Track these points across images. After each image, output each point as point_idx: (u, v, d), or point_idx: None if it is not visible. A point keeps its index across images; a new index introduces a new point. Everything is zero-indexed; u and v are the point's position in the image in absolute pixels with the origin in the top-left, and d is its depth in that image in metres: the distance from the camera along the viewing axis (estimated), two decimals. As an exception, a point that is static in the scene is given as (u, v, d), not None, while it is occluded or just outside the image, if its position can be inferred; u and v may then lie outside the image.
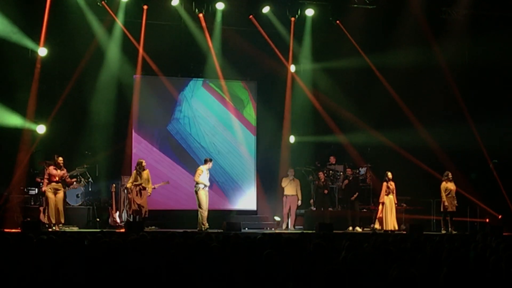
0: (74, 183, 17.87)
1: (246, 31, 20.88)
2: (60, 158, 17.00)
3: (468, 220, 20.10)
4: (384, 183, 18.86)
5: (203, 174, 17.81)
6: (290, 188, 19.86)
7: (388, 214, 18.69)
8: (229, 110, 21.42)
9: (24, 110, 18.67)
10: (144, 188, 17.51)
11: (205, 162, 18.17)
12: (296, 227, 20.13)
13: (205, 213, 17.62)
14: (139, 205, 17.40)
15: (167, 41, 20.28)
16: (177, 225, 17.54)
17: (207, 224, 17.51)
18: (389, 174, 18.87)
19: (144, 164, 17.66)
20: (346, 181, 20.14)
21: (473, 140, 20.62)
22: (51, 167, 16.94)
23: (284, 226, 19.72)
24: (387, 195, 18.79)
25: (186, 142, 20.94)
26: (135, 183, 17.46)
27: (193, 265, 7.28)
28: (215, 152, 21.01)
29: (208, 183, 17.92)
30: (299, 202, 19.87)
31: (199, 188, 17.74)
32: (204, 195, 17.72)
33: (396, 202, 18.92)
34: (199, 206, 17.67)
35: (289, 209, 19.80)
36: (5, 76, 18.57)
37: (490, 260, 7.20)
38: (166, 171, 20.32)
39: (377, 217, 19.02)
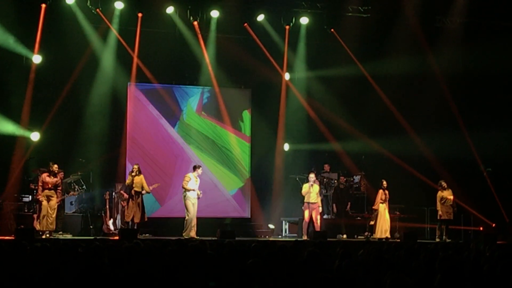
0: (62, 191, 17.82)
1: (241, 39, 20.90)
2: (56, 166, 16.98)
3: (462, 228, 20.13)
4: (380, 191, 18.87)
5: (191, 181, 17.58)
6: (312, 195, 18.56)
7: (382, 221, 18.72)
8: (224, 118, 21.42)
9: (18, 117, 18.65)
10: (138, 194, 17.44)
11: (194, 169, 17.93)
12: (289, 234, 20.10)
13: (191, 221, 17.44)
14: (134, 213, 17.34)
15: (162, 48, 20.31)
16: (171, 232, 17.48)
17: (191, 233, 17.30)
18: (385, 183, 18.88)
19: (135, 168, 17.61)
20: (332, 191, 19.87)
21: (467, 149, 20.68)
22: (45, 174, 16.92)
23: (304, 237, 18.25)
24: (382, 203, 18.81)
25: (180, 150, 20.92)
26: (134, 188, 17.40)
27: (187, 272, 7.27)
28: (209, 159, 21.02)
29: (197, 190, 17.65)
30: (320, 209, 18.79)
31: (186, 195, 17.59)
32: (191, 203, 17.50)
33: (388, 210, 18.92)
34: (186, 213, 17.60)
35: (310, 218, 18.55)
36: (0, 83, 18.56)
37: (484, 269, 7.21)
38: (160, 179, 20.29)
39: (370, 224, 19.13)
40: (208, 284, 6.77)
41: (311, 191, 18.56)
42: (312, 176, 18.78)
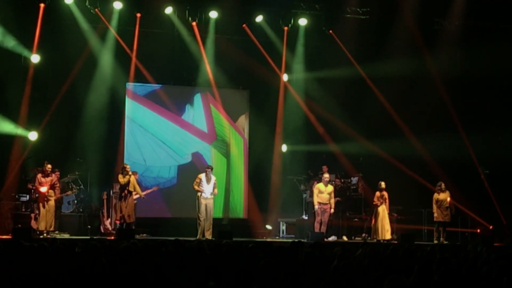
0: (60, 190, 17.79)
1: (239, 39, 20.89)
2: (49, 166, 16.97)
3: (459, 230, 20.12)
4: (376, 193, 18.83)
5: (201, 182, 17.65)
6: (325, 195, 18.54)
7: (380, 223, 18.66)
8: (222, 119, 21.42)
9: (16, 116, 18.64)
10: (130, 193, 17.40)
11: (205, 169, 18.04)
12: (287, 235, 20.09)
13: (203, 223, 17.53)
14: (124, 213, 17.28)
15: (160, 49, 20.31)
16: (169, 233, 17.43)
17: (206, 234, 17.40)
18: (382, 184, 18.84)
19: (128, 168, 17.56)
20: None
21: (464, 151, 20.69)
22: (39, 175, 16.95)
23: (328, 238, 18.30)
24: (380, 205, 18.76)
25: (178, 150, 20.90)
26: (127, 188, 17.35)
27: (184, 273, 7.27)
28: (207, 159, 21.01)
29: (208, 192, 17.68)
30: (332, 210, 18.67)
31: (198, 196, 17.66)
32: (202, 204, 17.57)
33: (388, 211, 18.86)
34: (197, 215, 17.66)
35: (321, 220, 18.46)
36: (-2, 82, 18.58)
37: (481, 271, 7.21)
38: (158, 179, 20.28)
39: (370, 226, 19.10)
40: (207, 284, 6.77)
41: (324, 191, 18.52)
42: (326, 176, 18.75)
